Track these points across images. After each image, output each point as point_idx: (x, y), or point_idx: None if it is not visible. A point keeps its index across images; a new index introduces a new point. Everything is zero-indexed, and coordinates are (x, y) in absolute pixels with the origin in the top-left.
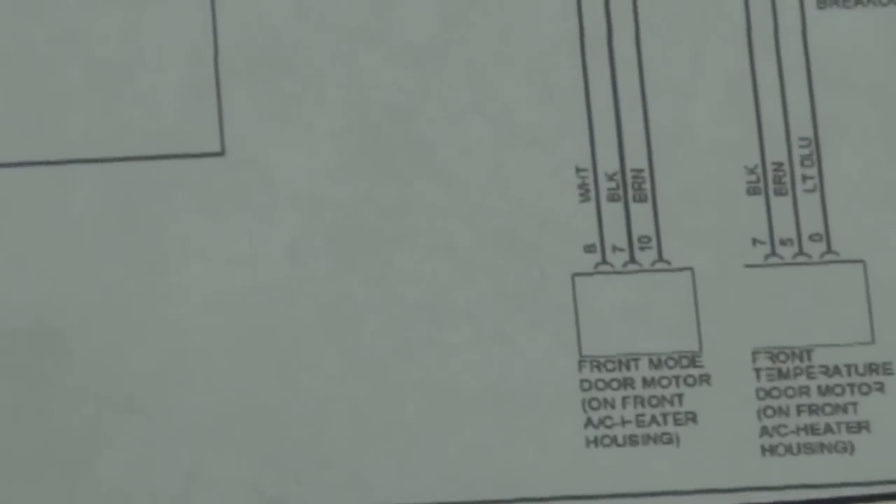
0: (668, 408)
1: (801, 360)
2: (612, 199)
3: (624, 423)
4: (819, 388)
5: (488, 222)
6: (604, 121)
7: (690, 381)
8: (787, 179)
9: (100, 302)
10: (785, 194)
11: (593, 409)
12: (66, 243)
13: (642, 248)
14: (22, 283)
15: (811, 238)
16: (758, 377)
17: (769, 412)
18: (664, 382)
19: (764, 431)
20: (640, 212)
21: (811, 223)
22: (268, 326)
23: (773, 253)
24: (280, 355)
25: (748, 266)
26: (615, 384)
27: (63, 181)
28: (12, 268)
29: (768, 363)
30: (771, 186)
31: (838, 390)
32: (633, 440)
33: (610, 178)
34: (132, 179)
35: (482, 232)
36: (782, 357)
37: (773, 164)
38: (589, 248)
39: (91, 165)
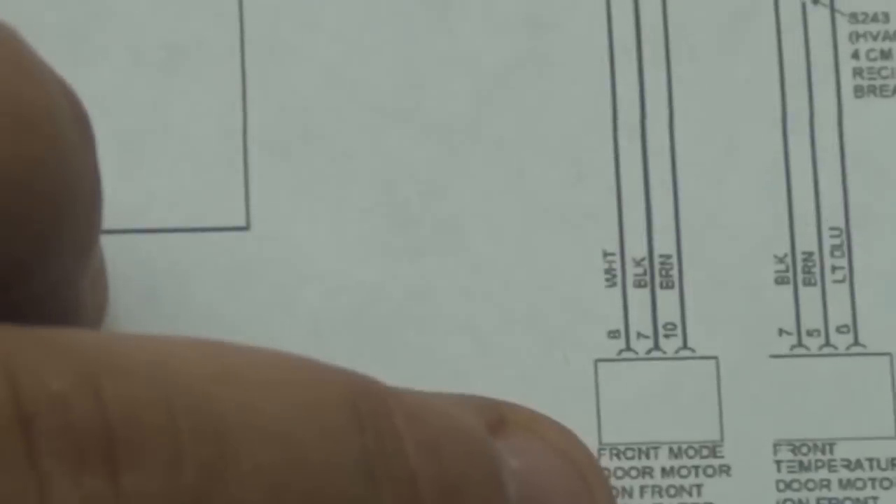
0: (686, 498)
1: (823, 452)
2: (638, 284)
3: None
4: (840, 481)
5: (513, 304)
6: (633, 205)
7: (710, 471)
8: (816, 269)
9: None
10: (814, 284)
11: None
12: None
13: (667, 336)
14: None
15: (838, 330)
16: (778, 469)
17: None
18: (683, 472)
19: None
20: (667, 298)
21: (839, 314)
22: None
23: (800, 343)
24: None
25: (773, 356)
26: (634, 472)
27: None
28: None
29: (790, 455)
30: (800, 276)
31: (859, 484)
32: None
33: (637, 263)
34: (155, 251)
35: (507, 314)
36: (804, 449)
37: (803, 253)
38: (613, 334)
39: (114, 236)
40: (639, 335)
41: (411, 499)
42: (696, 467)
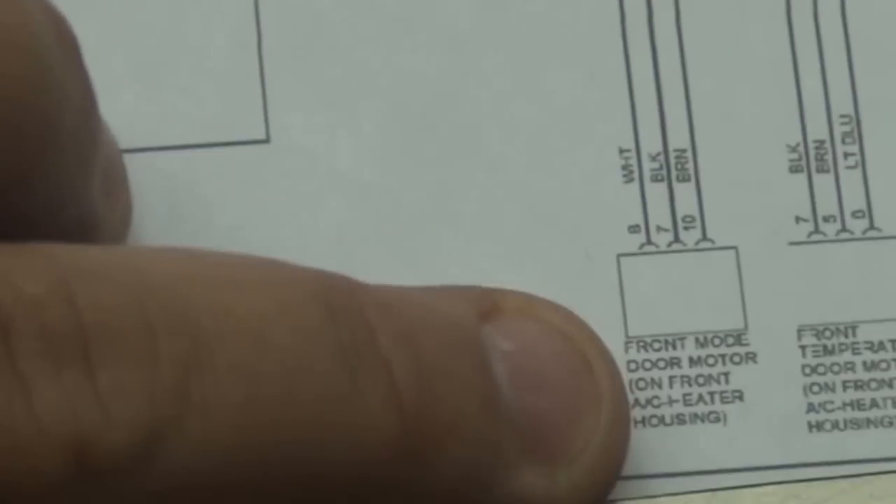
0: (714, 386)
1: (846, 336)
2: (655, 179)
3: (671, 402)
4: (864, 363)
5: (533, 205)
6: (646, 101)
7: (737, 359)
8: (828, 157)
9: None
10: (827, 171)
11: (640, 389)
12: None
13: (686, 228)
14: None
15: (854, 215)
16: (803, 354)
17: (815, 388)
18: (710, 361)
19: (810, 408)
20: (684, 191)
21: (853, 200)
22: None
23: (817, 230)
24: None
25: (792, 244)
26: (662, 364)
27: None
28: None
29: (814, 340)
30: (813, 164)
31: (883, 365)
32: (680, 419)
33: (653, 158)
34: (177, 168)
35: (528, 215)
36: (827, 333)
37: (815, 141)
38: (633, 229)
39: (136, 155)
40: (659, 229)
41: (387, 387)
42: (723, 356)
